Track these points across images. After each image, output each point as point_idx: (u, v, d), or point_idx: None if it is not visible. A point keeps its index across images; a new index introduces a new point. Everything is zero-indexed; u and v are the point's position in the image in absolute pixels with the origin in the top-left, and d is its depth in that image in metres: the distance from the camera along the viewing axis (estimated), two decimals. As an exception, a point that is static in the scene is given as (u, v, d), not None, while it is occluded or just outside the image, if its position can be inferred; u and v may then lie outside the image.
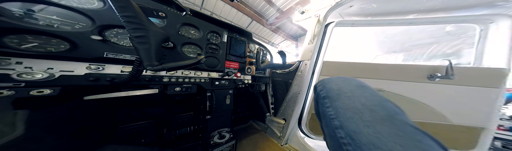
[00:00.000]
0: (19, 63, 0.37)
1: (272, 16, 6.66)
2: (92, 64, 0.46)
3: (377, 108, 0.33)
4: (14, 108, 0.45)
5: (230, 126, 0.95)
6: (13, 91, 0.36)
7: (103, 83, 0.48)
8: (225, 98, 0.92)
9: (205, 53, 0.77)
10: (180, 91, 0.68)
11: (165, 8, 0.63)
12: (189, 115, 1.06)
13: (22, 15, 0.36)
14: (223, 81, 0.89)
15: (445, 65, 0.88)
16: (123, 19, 0.35)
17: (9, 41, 0.34)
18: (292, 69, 1.10)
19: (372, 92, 0.39)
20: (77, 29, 0.42)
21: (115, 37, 0.50)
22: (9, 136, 0.45)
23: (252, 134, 1.23)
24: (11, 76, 0.36)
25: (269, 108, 1.29)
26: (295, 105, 1.01)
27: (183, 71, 0.70)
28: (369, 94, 0.38)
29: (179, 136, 0.99)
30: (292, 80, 1.08)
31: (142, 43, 0.39)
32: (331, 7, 0.90)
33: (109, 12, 0.46)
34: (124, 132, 0.80)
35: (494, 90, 0.88)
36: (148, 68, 0.41)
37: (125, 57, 0.50)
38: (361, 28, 1.20)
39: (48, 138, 0.54)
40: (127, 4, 0.34)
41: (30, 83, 0.38)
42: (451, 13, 0.96)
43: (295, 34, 8.79)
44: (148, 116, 0.92)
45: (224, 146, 0.82)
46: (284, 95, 1.15)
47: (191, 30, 0.73)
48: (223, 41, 0.87)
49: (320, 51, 0.99)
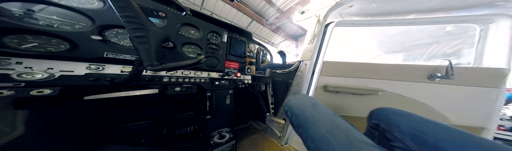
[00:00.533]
0: (19, 63, 0.37)
1: (272, 16, 6.66)
2: (92, 64, 0.46)
3: (337, 133, 0.37)
4: (14, 108, 0.45)
5: (230, 126, 0.95)
6: (13, 91, 0.36)
7: (103, 83, 0.48)
8: (225, 98, 0.92)
9: (205, 53, 0.77)
10: (180, 91, 0.68)
11: (165, 8, 0.63)
12: (189, 115, 1.06)
13: (22, 15, 0.36)
14: (223, 81, 0.89)
15: (445, 65, 0.88)
16: (123, 19, 0.35)
17: (9, 41, 0.34)
18: (292, 69, 1.10)
19: (322, 109, 0.46)
20: (77, 29, 0.42)
21: (115, 37, 0.50)
22: (9, 136, 0.45)
23: (252, 134, 1.23)
24: (11, 76, 0.36)
25: (269, 108, 1.29)
26: (295, 105, 1.01)
27: (183, 71, 0.70)
28: (323, 113, 0.44)
29: (179, 136, 0.99)
30: (292, 80, 1.08)
31: (142, 43, 0.39)
32: (331, 7, 0.90)
33: (109, 12, 0.46)
34: (124, 132, 0.80)
35: (494, 90, 0.88)
36: (148, 68, 0.41)
37: (125, 57, 0.50)
38: (361, 28, 1.20)
39: (48, 138, 0.54)
40: (127, 4, 0.34)
41: (30, 83, 0.38)
42: (451, 13, 0.96)
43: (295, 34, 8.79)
44: (148, 116, 0.92)
45: (224, 146, 0.82)
46: (284, 95, 1.15)
47: (191, 30, 0.73)
48: (223, 41, 0.87)
49: (320, 51, 0.99)
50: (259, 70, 1.29)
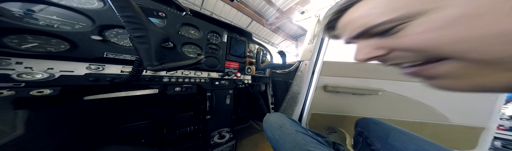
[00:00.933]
0: (19, 63, 0.37)
1: (272, 16, 6.67)
2: (92, 64, 0.46)
3: (297, 150, 0.44)
4: (14, 108, 0.45)
5: (230, 126, 0.95)
6: (13, 91, 0.36)
7: (103, 83, 0.48)
8: (225, 98, 0.92)
9: (205, 53, 0.77)
10: (180, 91, 0.68)
11: (165, 8, 0.63)
12: (189, 115, 1.06)
13: (22, 15, 0.36)
14: (223, 81, 0.89)
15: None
16: (123, 19, 0.35)
17: (9, 41, 0.34)
18: (292, 69, 1.10)
19: (287, 129, 0.52)
20: (77, 29, 0.42)
21: (115, 37, 0.50)
22: (9, 136, 0.45)
23: (252, 134, 1.23)
24: (11, 76, 0.36)
25: (269, 108, 1.29)
26: (295, 105, 1.02)
27: (183, 71, 0.70)
28: (287, 134, 0.50)
29: (179, 136, 0.99)
30: (292, 80, 1.08)
31: (142, 43, 0.39)
32: (331, 7, 0.90)
33: (109, 12, 0.46)
34: (124, 132, 0.80)
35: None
36: (148, 68, 0.41)
37: (125, 57, 0.50)
38: (361, 28, 1.20)
39: (48, 138, 0.54)
40: (127, 4, 0.34)
41: (30, 83, 0.38)
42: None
43: (295, 34, 8.79)
44: (148, 116, 0.92)
45: (224, 146, 0.82)
46: (284, 95, 1.15)
47: (191, 30, 0.73)
48: (223, 41, 0.87)
49: (320, 51, 0.99)
50: (259, 70, 1.29)
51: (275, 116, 0.61)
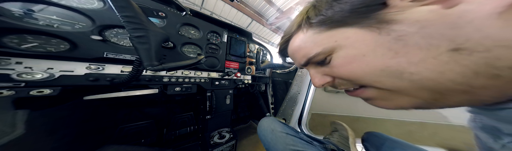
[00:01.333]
0: (19, 63, 0.37)
1: (272, 16, 6.67)
2: (92, 64, 0.46)
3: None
4: (14, 108, 0.45)
5: (230, 126, 0.95)
6: (13, 91, 0.36)
7: (103, 83, 0.48)
8: (225, 98, 0.92)
9: (205, 53, 0.77)
10: (180, 91, 0.68)
11: (165, 8, 0.63)
12: (189, 115, 1.06)
13: (22, 15, 0.36)
14: (223, 81, 0.89)
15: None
16: (123, 19, 0.35)
17: (9, 41, 0.34)
18: (292, 69, 1.10)
19: (278, 132, 0.55)
20: (77, 29, 0.42)
21: (115, 37, 0.50)
22: (9, 136, 0.45)
23: (252, 134, 1.23)
24: (11, 76, 0.36)
25: (269, 108, 1.29)
26: (295, 105, 1.02)
27: (183, 71, 0.70)
28: (278, 137, 0.53)
29: (179, 136, 0.99)
30: (292, 80, 1.08)
31: (142, 43, 0.39)
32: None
33: (109, 12, 0.46)
34: (124, 132, 0.80)
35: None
36: (148, 68, 0.40)
37: (125, 57, 0.50)
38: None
39: (48, 138, 0.54)
40: (127, 4, 0.34)
41: (30, 83, 0.37)
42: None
43: (295, 34, 8.77)
44: (148, 116, 0.92)
45: (224, 146, 0.82)
46: (284, 95, 1.15)
47: (191, 30, 0.73)
48: (223, 41, 0.87)
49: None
50: (259, 70, 1.29)
51: (268, 121, 0.65)
